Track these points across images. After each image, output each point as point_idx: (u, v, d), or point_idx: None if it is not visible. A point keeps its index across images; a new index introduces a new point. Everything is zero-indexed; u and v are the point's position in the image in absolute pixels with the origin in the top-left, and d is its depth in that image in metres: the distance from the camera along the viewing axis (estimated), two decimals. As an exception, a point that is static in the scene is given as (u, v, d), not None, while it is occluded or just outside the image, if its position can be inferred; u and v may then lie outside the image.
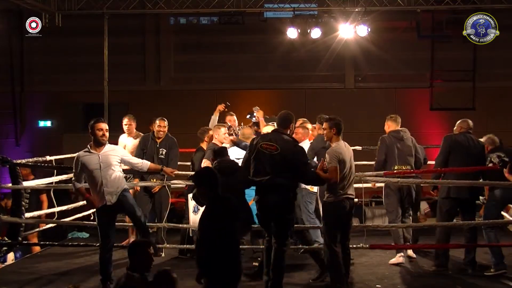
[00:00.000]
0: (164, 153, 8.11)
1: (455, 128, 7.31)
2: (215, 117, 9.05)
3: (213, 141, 7.81)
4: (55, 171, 8.63)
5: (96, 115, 8.26)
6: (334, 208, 6.04)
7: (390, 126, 7.59)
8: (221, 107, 9.19)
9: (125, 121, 8.75)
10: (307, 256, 7.20)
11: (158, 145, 8.15)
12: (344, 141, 6.25)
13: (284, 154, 5.93)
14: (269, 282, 5.90)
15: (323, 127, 6.42)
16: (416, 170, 7.49)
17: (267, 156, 5.95)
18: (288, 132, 6.22)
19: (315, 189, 7.45)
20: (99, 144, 6.34)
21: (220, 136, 7.81)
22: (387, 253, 7.65)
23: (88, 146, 6.37)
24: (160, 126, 8.19)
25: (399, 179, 7.20)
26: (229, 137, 7.87)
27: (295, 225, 6.57)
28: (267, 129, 7.73)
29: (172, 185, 8.01)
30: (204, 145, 8.16)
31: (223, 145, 7.59)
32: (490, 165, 6.94)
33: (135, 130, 8.77)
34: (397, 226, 7.34)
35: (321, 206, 6.30)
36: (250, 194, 6.38)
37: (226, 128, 8.04)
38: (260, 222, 6.12)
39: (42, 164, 8.57)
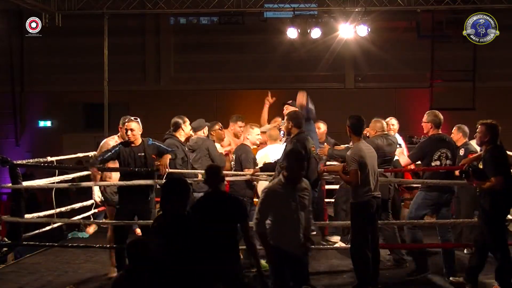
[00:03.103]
0: None
1: (369, 130, 7.49)
2: (265, 111, 8.37)
3: (243, 142, 7.16)
4: (57, 171, 8.60)
5: (96, 115, 8.27)
6: (362, 208, 5.96)
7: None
8: (270, 99, 8.50)
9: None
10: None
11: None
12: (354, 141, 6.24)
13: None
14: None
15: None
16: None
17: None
18: None
19: None
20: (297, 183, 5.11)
21: (252, 136, 7.16)
22: (386, 253, 7.64)
23: (282, 178, 5.08)
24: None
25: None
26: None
27: None
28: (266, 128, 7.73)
29: None
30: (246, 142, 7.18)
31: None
32: (437, 163, 6.72)
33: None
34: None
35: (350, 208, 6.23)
36: None
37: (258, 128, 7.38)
38: None
39: (43, 165, 8.52)
